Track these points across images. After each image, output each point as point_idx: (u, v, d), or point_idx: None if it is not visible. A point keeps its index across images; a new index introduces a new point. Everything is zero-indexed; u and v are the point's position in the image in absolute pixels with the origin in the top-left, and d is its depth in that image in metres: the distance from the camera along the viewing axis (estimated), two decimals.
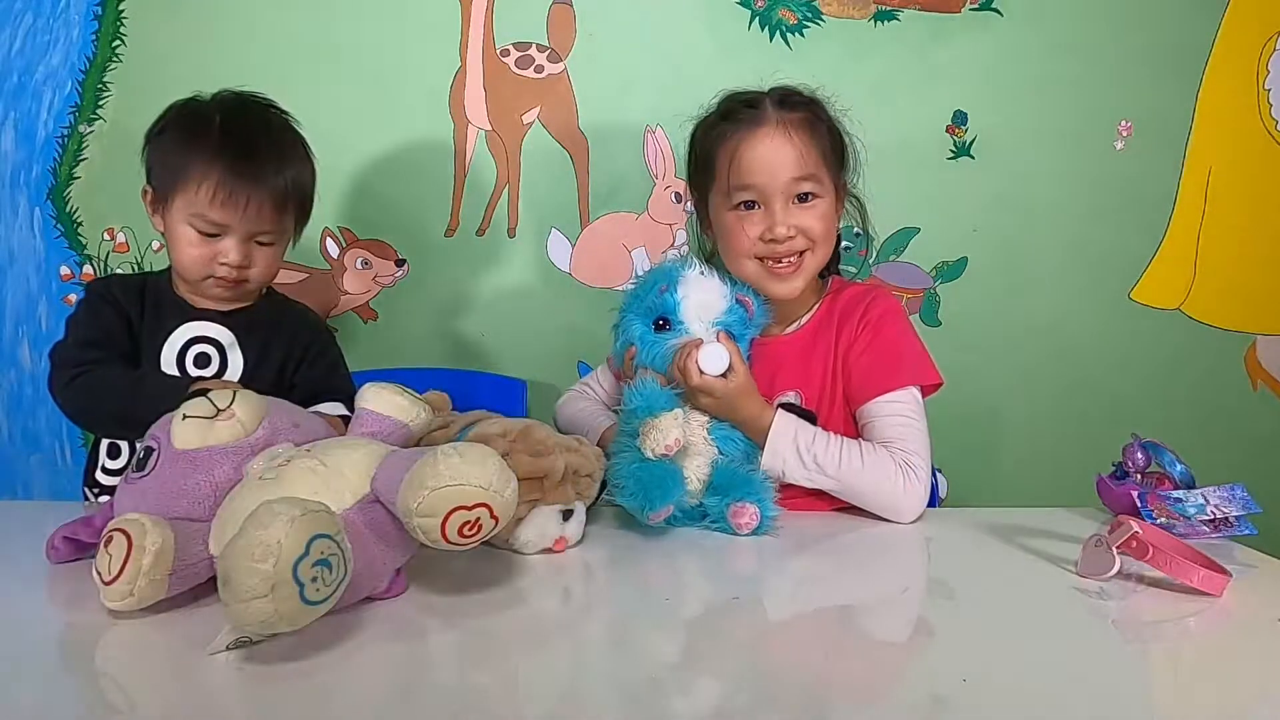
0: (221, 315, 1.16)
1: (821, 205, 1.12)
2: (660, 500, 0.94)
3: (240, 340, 1.16)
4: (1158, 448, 1.05)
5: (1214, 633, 0.77)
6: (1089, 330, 1.83)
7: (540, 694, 0.62)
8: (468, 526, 0.67)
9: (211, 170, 1.07)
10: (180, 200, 1.08)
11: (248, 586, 0.57)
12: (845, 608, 0.83)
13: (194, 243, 1.09)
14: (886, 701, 0.63)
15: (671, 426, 0.97)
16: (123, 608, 0.67)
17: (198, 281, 1.12)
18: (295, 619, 0.60)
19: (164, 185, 1.10)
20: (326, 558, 0.61)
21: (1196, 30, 1.78)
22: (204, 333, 1.15)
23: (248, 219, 1.09)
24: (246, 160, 1.09)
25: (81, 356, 1.08)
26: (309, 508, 0.62)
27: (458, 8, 1.66)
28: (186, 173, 1.07)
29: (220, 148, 1.08)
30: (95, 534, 0.79)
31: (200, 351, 1.14)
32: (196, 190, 1.07)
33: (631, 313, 1.09)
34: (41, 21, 1.60)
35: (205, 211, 1.07)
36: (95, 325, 1.12)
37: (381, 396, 0.84)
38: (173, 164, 1.09)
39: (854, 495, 1.05)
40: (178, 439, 0.76)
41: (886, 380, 1.10)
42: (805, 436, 1.05)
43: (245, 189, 1.07)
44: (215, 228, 1.08)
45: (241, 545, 0.59)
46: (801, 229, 1.10)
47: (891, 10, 1.72)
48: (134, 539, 0.66)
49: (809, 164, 1.11)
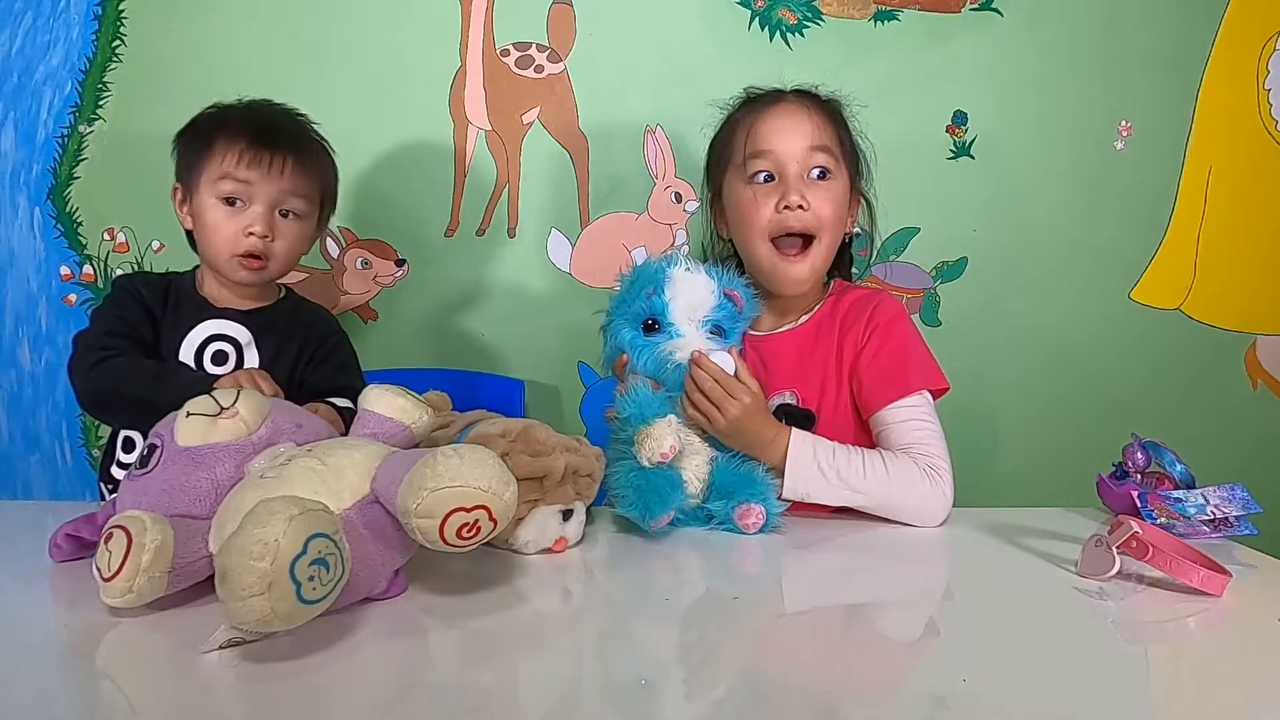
0: (241, 314, 1.19)
1: (835, 187, 1.12)
2: (660, 508, 0.94)
3: (257, 339, 1.19)
4: (1158, 448, 1.05)
5: (1214, 633, 0.77)
6: (1089, 330, 1.83)
7: (540, 694, 0.62)
8: (466, 528, 0.67)
9: (238, 137, 1.12)
10: (207, 174, 1.13)
11: (244, 584, 0.58)
12: (845, 608, 0.83)
13: (222, 217, 1.13)
14: (887, 701, 0.63)
15: (665, 433, 0.96)
16: (122, 604, 0.66)
17: (227, 262, 1.15)
18: (291, 618, 0.60)
19: (191, 167, 1.14)
20: (324, 557, 0.61)
21: (1196, 30, 1.78)
22: (222, 330, 1.18)
23: (271, 179, 1.13)
24: (271, 127, 1.15)
25: (107, 343, 1.10)
26: (307, 506, 0.62)
27: (458, 8, 1.66)
28: (212, 145, 1.13)
29: (245, 120, 1.15)
30: (98, 531, 0.78)
31: (218, 349, 1.17)
32: (223, 158, 1.12)
33: (619, 318, 1.06)
34: (41, 21, 1.60)
35: (232, 171, 1.11)
36: (121, 317, 1.14)
37: (384, 399, 0.83)
38: (198, 146, 1.14)
39: (882, 506, 1.02)
40: (181, 436, 0.76)
41: (898, 386, 1.08)
42: (825, 453, 1.02)
43: (269, 149, 1.13)
44: (242, 190, 1.12)
45: (239, 543, 0.59)
46: (814, 206, 1.10)
47: (891, 10, 1.72)
48: (134, 536, 0.66)
49: (825, 136, 1.11)
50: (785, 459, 1.01)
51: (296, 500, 0.62)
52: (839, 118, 1.16)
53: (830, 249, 1.14)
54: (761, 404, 1.03)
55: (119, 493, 0.79)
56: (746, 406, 0.99)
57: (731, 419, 0.99)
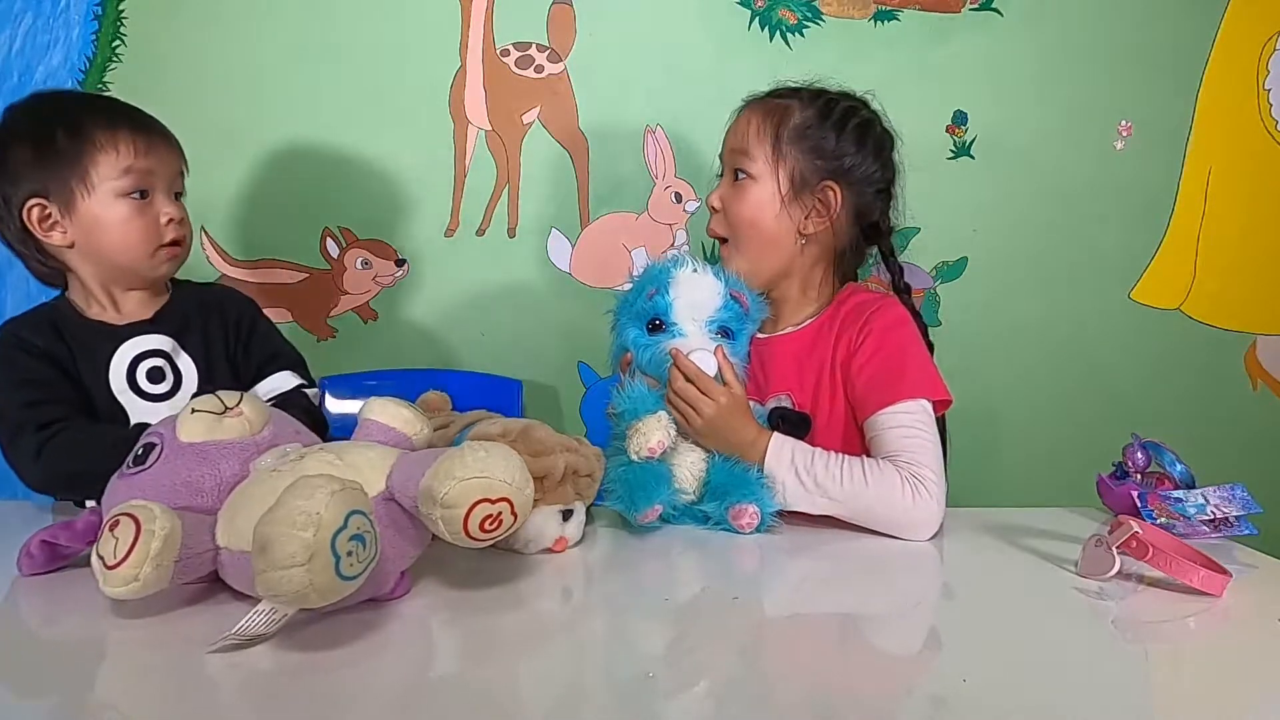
0: (149, 324, 1.09)
1: (751, 188, 1.12)
2: (645, 502, 0.94)
3: (180, 340, 1.10)
4: (1158, 448, 1.05)
5: (1214, 633, 0.77)
6: (1089, 330, 1.83)
7: (540, 694, 0.62)
8: (489, 521, 0.67)
9: (117, 127, 1.03)
10: (99, 173, 1.02)
11: (288, 553, 0.57)
12: (845, 608, 0.83)
13: (131, 214, 1.03)
14: (887, 701, 0.63)
15: (654, 429, 0.97)
16: (125, 594, 0.64)
17: (148, 259, 1.06)
18: (327, 592, 0.60)
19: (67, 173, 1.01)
20: (361, 533, 0.62)
21: (1196, 30, 1.78)
22: (143, 347, 1.07)
23: (166, 162, 1.07)
24: (131, 110, 1.07)
25: (34, 417, 0.95)
26: (346, 484, 0.62)
27: (458, 8, 1.66)
28: (94, 141, 1.02)
29: (106, 110, 1.05)
30: (76, 538, 0.78)
31: (151, 367, 1.07)
32: (116, 152, 1.02)
33: (624, 317, 1.08)
34: (41, 21, 1.60)
35: (134, 163, 1.03)
36: (29, 381, 0.99)
37: (389, 409, 0.84)
38: (70, 148, 1.01)
39: (861, 515, 0.99)
40: (184, 432, 0.75)
41: (891, 392, 1.05)
42: (803, 457, 1.00)
43: (156, 132, 1.06)
44: (147, 180, 1.04)
45: (282, 514, 0.59)
46: (726, 206, 1.15)
47: (891, 10, 1.72)
48: (142, 523, 0.65)
49: (746, 139, 1.13)
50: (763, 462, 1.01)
51: (334, 477, 0.63)
52: (794, 117, 1.13)
53: (759, 250, 1.14)
54: (741, 405, 1.02)
55: (109, 491, 0.76)
56: (721, 407, 0.99)
57: (707, 418, 0.99)
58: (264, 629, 0.63)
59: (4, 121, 1.06)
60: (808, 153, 1.12)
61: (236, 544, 0.68)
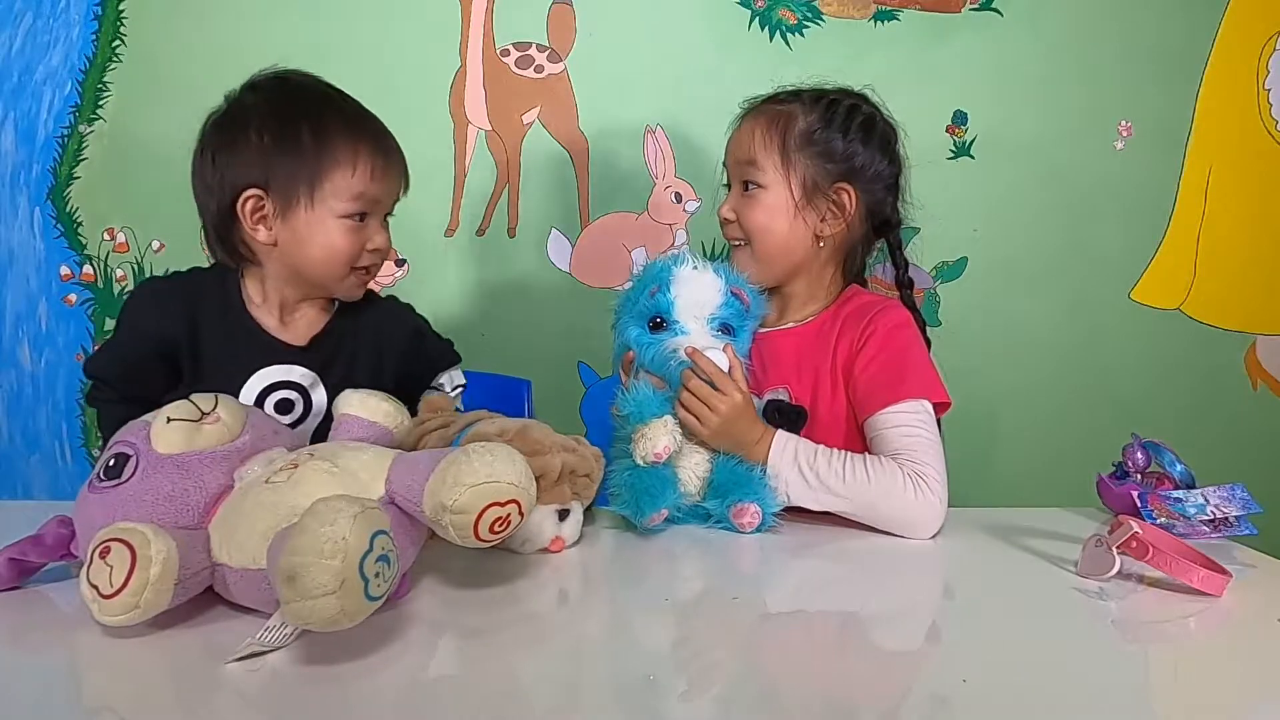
0: (301, 351, 1.06)
1: (764, 197, 1.13)
2: (650, 507, 0.94)
3: (323, 374, 1.06)
4: (1158, 448, 1.05)
5: (1214, 633, 0.77)
6: (1089, 330, 1.83)
7: (538, 694, 0.62)
8: (499, 523, 0.67)
9: (359, 144, 0.99)
10: (332, 188, 0.98)
11: (319, 583, 0.57)
12: (845, 607, 0.83)
13: (345, 233, 0.99)
14: (887, 701, 0.63)
15: (660, 433, 0.97)
16: (125, 621, 0.63)
17: (341, 280, 1.03)
18: (356, 615, 0.59)
19: (299, 178, 0.97)
20: (386, 554, 0.61)
21: (1196, 30, 1.78)
22: (282, 378, 1.04)
23: (391, 190, 1.03)
24: (381, 129, 1.02)
25: (98, 387, 1.02)
26: (366, 504, 0.61)
27: (458, 8, 1.66)
28: (335, 155, 0.97)
29: (357, 122, 1.01)
30: (47, 553, 0.74)
31: (282, 398, 1.04)
32: (352, 171, 0.98)
33: (626, 315, 1.07)
34: (41, 21, 1.60)
35: (366, 190, 0.99)
36: (118, 358, 1.02)
37: (368, 403, 0.83)
38: (312, 153, 0.97)
39: (864, 512, 0.99)
40: (161, 443, 0.72)
41: (892, 392, 1.05)
42: (806, 453, 1.01)
43: (393, 157, 1.02)
44: (369, 207, 1.01)
45: (307, 542, 0.58)
46: (741, 217, 1.14)
47: (891, 10, 1.72)
48: (138, 549, 0.62)
49: (752, 150, 1.13)
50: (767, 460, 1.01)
51: (352, 498, 0.62)
52: (799, 121, 1.13)
53: (776, 254, 1.14)
54: (750, 404, 1.02)
55: (81, 504, 0.72)
56: (736, 404, 0.99)
57: (723, 415, 0.99)
58: (280, 643, 0.62)
59: (248, 99, 1.02)
60: (817, 157, 1.13)
61: (240, 560, 0.66)
